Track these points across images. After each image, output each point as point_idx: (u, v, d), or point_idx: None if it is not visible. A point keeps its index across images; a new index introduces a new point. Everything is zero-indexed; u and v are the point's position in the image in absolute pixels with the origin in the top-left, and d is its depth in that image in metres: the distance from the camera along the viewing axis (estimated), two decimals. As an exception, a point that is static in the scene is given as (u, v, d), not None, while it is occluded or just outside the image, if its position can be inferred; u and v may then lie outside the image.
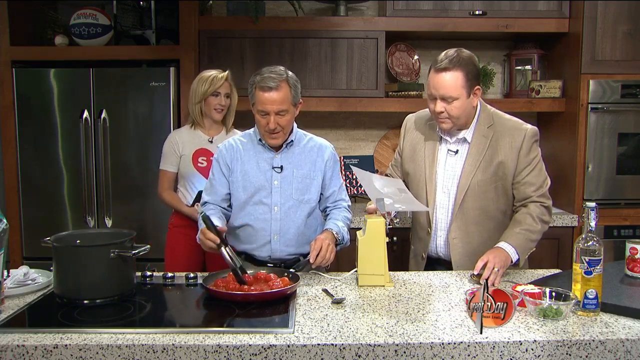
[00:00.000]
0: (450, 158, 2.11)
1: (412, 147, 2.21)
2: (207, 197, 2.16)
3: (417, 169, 2.17)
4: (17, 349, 1.40)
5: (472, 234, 2.08)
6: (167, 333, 1.45)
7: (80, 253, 1.73)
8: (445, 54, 1.99)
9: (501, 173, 2.06)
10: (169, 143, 2.72)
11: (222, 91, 2.68)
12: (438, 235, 2.14)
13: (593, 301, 1.58)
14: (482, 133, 2.08)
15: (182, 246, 2.67)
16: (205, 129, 2.74)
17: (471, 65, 1.99)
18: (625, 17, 3.07)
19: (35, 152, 3.15)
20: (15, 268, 1.90)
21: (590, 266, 1.58)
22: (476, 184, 2.06)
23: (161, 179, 2.74)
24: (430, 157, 2.14)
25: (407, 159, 2.22)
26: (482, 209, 2.08)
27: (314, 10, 3.57)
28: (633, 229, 3.15)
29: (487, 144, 2.06)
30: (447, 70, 1.96)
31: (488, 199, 2.08)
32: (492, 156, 2.06)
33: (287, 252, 2.11)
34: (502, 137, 2.06)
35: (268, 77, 1.98)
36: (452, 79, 1.96)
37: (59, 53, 3.18)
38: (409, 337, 1.44)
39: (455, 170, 2.10)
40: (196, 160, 2.68)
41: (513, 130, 2.07)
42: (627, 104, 3.11)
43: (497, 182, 2.07)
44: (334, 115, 3.63)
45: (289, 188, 2.09)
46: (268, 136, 2.06)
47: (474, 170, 2.06)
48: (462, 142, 2.11)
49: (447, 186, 2.12)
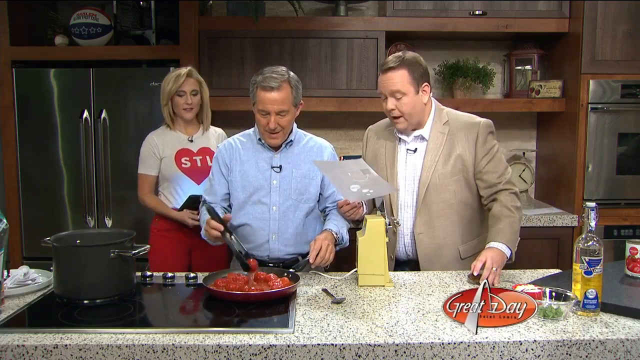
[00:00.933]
0: (410, 157, 2.16)
1: (373, 154, 2.26)
2: (207, 197, 2.17)
3: (379, 172, 2.16)
4: (17, 349, 1.40)
5: (437, 227, 2.11)
6: (167, 333, 1.45)
7: (80, 253, 1.73)
8: (391, 55, 2.10)
9: (460, 165, 2.11)
10: (148, 146, 2.62)
11: (187, 89, 2.57)
12: (404, 234, 2.16)
13: (593, 301, 1.58)
14: (438, 130, 2.14)
15: (167, 249, 2.59)
16: (182, 129, 2.66)
17: (415, 64, 2.07)
18: (625, 17, 3.07)
19: (35, 152, 3.15)
20: (15, 268, 1.90)
21: (590, 266, 1.58)
22: (437, 178, 2.10)
23: (141, 184, 2.64)
24: (390, 158, 2.18)
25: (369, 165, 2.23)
26: (445, 202, 2.11)
27: (314, 10, 3.57)
28: (633, 229, 3.15)
29: (444, 139, 2.12)
30: (392, 70, 2.05)
31: (450, 191, 2.11)
32: (450, 150, 2.11)
33: (285, 252, 2.11)
34: (458, 131, 2.13)
35: (270, 77, 1.98)
36: (398, 75, 2.04)
37: (59, 53, 3.18)
38: (409, 337, 1.44)
39: (416, 168, 2.14)
40: (179, 161, 2.60)
41: (468, 124, 2.14)
42: (627, 104, 3.11)
43: (458, 175, 2.11)
44: (334, 115, 3.63)
45: (288, 188, 2.09)
46: (268, 136, 2.06)
47: (433, 165, 2.11)
48: (420, 140, 2.16)
49: (409, 184, 2.15)
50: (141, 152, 2.64)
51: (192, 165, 2.60)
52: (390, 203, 2.17)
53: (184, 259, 2.62)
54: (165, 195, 2.65)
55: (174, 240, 2.60)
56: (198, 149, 2.63)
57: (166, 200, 2.64)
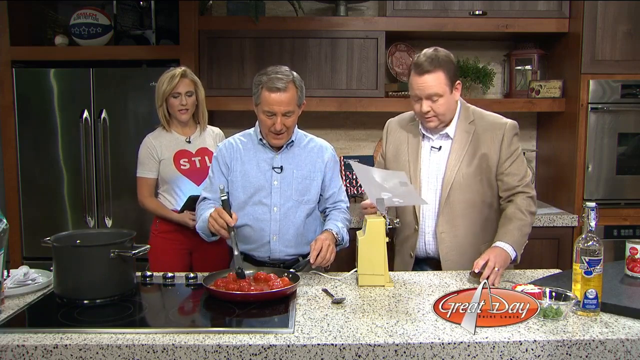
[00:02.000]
0: (434, 154, 2.15)
1: (395, 149, 2.24)
2: (207, 194, 2.16)
3: (401, 169, 2.17)
4: (17, 349, 1.40)
5: (459, 227, 2.11)
6: (167, 333, 1.45)
7: (80, 253, 1.73)
8: (424, 55, 2.05)
9: (485, 165, 2.10)
10: (146, 148, 2.59)
11: (182, 90, 2.54)
12: (426, 232, 2.15)
13: (593, 301, 1.58)
14: (464, 129, 2.12)
15: (167, 251, 2.59)
16: (179, 130, 2.64)
17: (450, 63, 2.05)
18: (625, 17, 3.07)
19: (35, 152, 3.15)
20: (15, 268, 1.90)
21: (590, 266, 1.58)
22: (461, 177, 2.09)
23: (140, 187, 2.61)
24: (414, 155, 2.17)
25: (391, 160, 2.25)
26: (467, 202, 2.11)
27: (314, 10, 3.57)
28: (633, 229, 3.15)
29: (470, 139, 2.11)
30: (428, 73, 2.01)
31: (473, 191, 2.11)
32: (475, 150, 2.10)
33: (286, 253, 2.11)
34: (484, 131, 2.12)
35: (275, 78, 1.97)
36: (434, 78, 2.01)
37: (59, 53, 3.18)
38: (409, 337, 1.44)
39: (440, 166, 2.13)
40: (178, 162, 2.58)
41: (494, 124, 2.13)
42: (627, 104, 3.11)
43: (482, 175, 2.11)
44: (334, 115, 3.63)
45: (289, 189, 2.09)
46: (273, 137, 2.05)
47: (458, 164, 2.10)
48: (445, 138, 2.14)
49: (432, 182, 2.14)
50: (139, 155, 2.62)
51: (191, 166, 2.59)
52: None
53: (184, 260, 2.62)
54: (164, 197, 2.63)
55: (174, 242, 2.59)
56: (196, 150, 2.62)
57: (166, 202, 2.62)
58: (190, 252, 2.63)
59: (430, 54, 2.05)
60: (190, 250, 2.62)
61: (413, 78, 2.06)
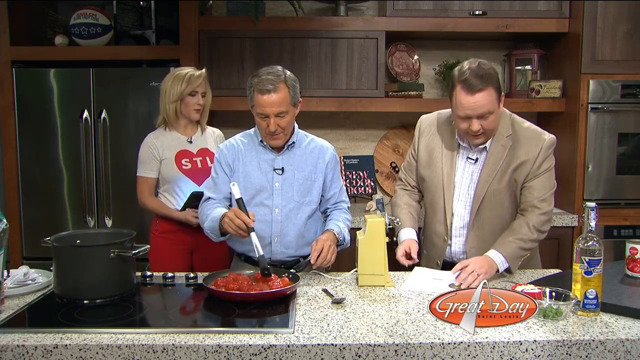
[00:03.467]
0: (469, 166, 2.09)
1: (428, 152, 2.16)
2: (211, 194, 2.13)
3: (435, 176, 2.13)
4: (17, 349, 1.40)
5: (489, 242, 2.03)
6: (167, 333, 1.45)
7: (80, 253, 1.73)
8: (471, 72, 1.91)
9: (514, 180, 2.04)
10: (147, 148, 2.57)
11: (200, 90, 2.56)
12: (454, 242, 2.11)
13: (593, 301, 1.58)
14: (501, 142, 2.05)
15: (168, 251, 2.57)
16: (181, 129, 2.63)
17: (496, 76, 1.95)
18: (625, 17, 3.07)
19: (35, 152, 3.15)
20: (15, 268, 1.90)
21: (590, 266, 1.58)
22: (491, 194, 2.04)
23: (140, 186, 2.60)
24: (449, 164, 2.10)
25: (423, 164, 2.17)
26: (498, 218, 2.06)
27: (314, 10, 3.57)
28: (633, 229, 3.15)
29: (505, 154, 2.04)
30: (481, 91, 1.90)
31: (504, 207, 2.06)
32: (508, 164, 2.03)
33: (287, 254, 2.10)
34: (521, 146, 2.04)
35: (265, 80, 1.96)
36: (487, 97, 1.91)
37: (59, 53, 3.18)
38: (409, 337, 1.44)
39: (473, 179, 2.07)
40: (180, 162, 2.57)
41: (531, 140, 2.05)
42: (627, 104, 3.11)
43: (511, 190, 2.05)
44: (334, 115, 3.63)
45: (290, 190, 2.08)
46: (269, 138, 2.04)
47: (490, 180, 2.04)
48: (482, 150, 2.07)
49: (463, 194, 2.09)
50: (140, 154, 2.60)
51: (193, 166, 2.59)
52: (445, 209, 2.09)
53: (185, 260, 2.61)
54: (165, 197, 2.62)
55: (174, 242, 2.59)
56: (197, 150, 2.62)
57: (167, 202, 2.61)
58: (191, 252, 2.62)
59: (477, 70, 1.91)
60: (191, 250, 2.62)
61: (462, 97, 1.92)
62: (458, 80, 1.93)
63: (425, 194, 2.21)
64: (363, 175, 3.52)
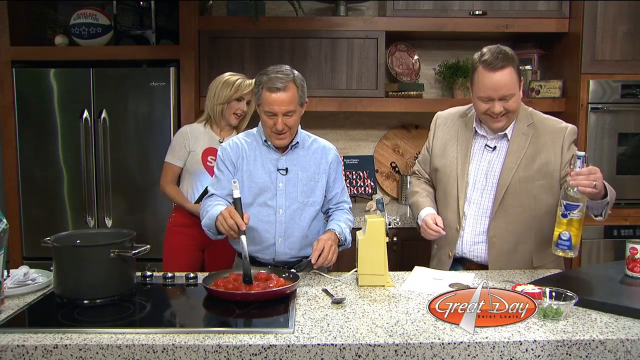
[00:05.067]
0: (487, 154, 2.08)
1: (442, 144, 2.18)
2: (214, 191, 2.11)
3: (448, 165, 2.13)
4: (17, 349, 1.40)
5: (511, 232, 2.05)
6: (167, 333, 1.45)
7: (80, 253, 1.73)
8: (490, 52, 1.95)
9: (545, 170, 2.03)
10: (180, 137, 2.69)
11: (246, 98, 2.66)
12: (466, 232, 2.09)
13: (566, 242, 1.72)
14: (522, 131, 2.06)
15: (181, 246, 2.66)
16: (218, 130, 2.71)
17: (517, 59, 1.98)
18: (625, 17, 3.07)
19: (35, 152, 3.15)
20: (15, 268, 1.90)
21: (567, 210, 1.70)
22: (517, 182, 2.03)
23: (165, 172, 2.70)
24: (463, 152, 2.11)
25: (437, 155, 2.19)
26: (523, 207, 2.04)
27: (314, 10, 3.57)
28: (633, 229, 3.15)
29: (528, 142, 2.04)
30: (503, 68, 1.92)
31: (530, 196, 2.04)
32: (534, 154, 2.04)
33: (290, 255, 2.09)
34: (544, 135, 2.05)
35: (275, 78, 1.95)
36: (509, 75, 1.93)
37: (59, 53, 3.19)
38: (409, 337, 1.44)
39: (493, 167, 2.07)
40: (205, 158, 2.65)
41: (554, 129, 2.07)
42: (627, 104, 3.11)
43: (541, 180, 2.03)
44: (334, 115, 3.64)
45: (294, 190, 2.08)
46: (275, 137, 2.03)
47: (514, 167, 2.03)
48: (501, 138, 2.07)
49: (480, 182, 2.08)
50: (172, 141, 2.71)
51: None
52: (458, 197, 2.09)
53: (197, 256, 2.68)
54: (187, 189, 2.69)
55: (188, 237, 2.65)
56: None
57: (187, 194, 2.68)
58: (202, 248, 2.68)
59: (497, 50, 1.95)
60: (202, 247, 2.68)
61: (483, 76, 1.94)
62: (479, 61, 1.97)
63: (437, 185, 2.21)
64: (363, 175, 3.52)
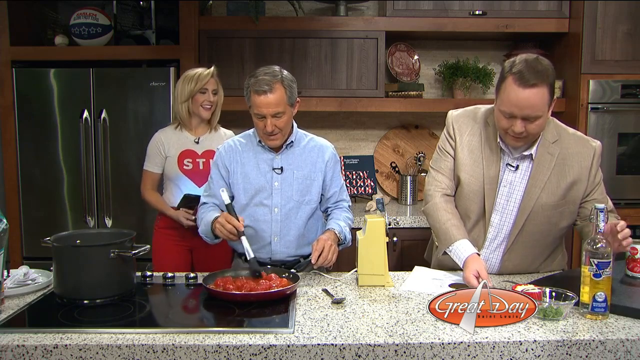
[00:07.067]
0: (510, 174, 1.91)
1: (470, 153, 1.96)
2: (206, 199, 2.16)
3: (474, 182, 1.95)
4: (17, 349, 1.40)
5: (527, 256, 1.97)
6: (167, 333, 1.45)
7: (80, 253, 1.73)
8: (527, 64, 1.73)
9: (568, 197, 1.90)
10: (154, 143, 2.64)
11: (210, 87, 2.59)
12: (482, 254, 1.97)
13: (602, 304, 1.55)
14: (547, 149, 1.88)
15: (169, 248, 2.63)
16: (192, 129, 2.66)
17: (554, 76, 1.76)
18: (625, 17, 3.07)
19: (35, 152, 3.15)
20: (15, 268, 1.90)
21: (600, 269, 1.54)
22: (540, 207, 1.89)
23: (144, 180, 2.67)
24: (491, 170, 1.92)
25: (464, 165, 1.97)
26: (542, 233, 1.94)
27: (314, 10, 3.57)
28: (633, 229, 3.12)
29: (553, 164, 1.87)
30: (534, 87, 1.70)
31: (551, 223, 1.92)
32: (559, 177, 1.88)
33: (287, 254, 2.10)
34: (571, 155, 1.89)
35: (262, 80, 1.96)
36: (539, 96, 1.71)
37: (59, 53, 3.19)
38: (409, 337, 1.44)
39: (515, 189, 1.91)
40: (181, 162, 2.61)
41: (581, 147, 1.90)
42: (627, 104, 3.11)
43: (565, 206, 1.90)
44: (334, 115, 3.64)
45: (290, 189, 2.08)
46: (266, 138, 2.04)
47: (538, 192, 1.88)
48: (524, 157, 1.90)
49: (501, 204, 1.93)
50: (148, 149, 2.67)
51: (194, 167, 2.60)
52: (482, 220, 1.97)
53: (185, 257, 2.66)
54: (167, 195, 2.67)
55: (175, 239, 2.64)
56: (203, 151, 2.63)
57: (168, 200, 2.66)
58: (190, 250, 2.66)
59: (533, 63, 1.72)
60: (191, 249, 2.65)
61: (511, 90, 1.73)
62: (510, 71, 1.75)
63: (458, 200, 2.02)
64: (363, 175, 3.52)
